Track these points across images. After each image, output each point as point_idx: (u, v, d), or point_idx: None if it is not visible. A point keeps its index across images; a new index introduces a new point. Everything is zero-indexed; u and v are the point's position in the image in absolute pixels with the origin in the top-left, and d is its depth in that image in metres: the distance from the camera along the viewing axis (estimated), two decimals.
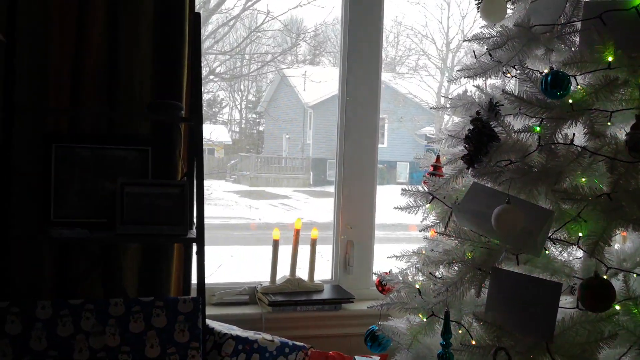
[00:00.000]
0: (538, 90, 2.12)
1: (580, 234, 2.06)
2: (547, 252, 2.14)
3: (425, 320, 2.34)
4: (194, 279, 2.59)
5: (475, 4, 2.44)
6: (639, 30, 2.10)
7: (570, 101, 2.08)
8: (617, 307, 2.03)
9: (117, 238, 2.47)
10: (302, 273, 3.16)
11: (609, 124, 2.08)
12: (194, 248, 2.51)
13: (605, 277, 2.00)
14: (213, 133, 6.24)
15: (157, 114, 2.57)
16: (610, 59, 2.05)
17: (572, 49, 2.20)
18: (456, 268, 2.19)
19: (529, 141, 2.17)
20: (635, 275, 2.09)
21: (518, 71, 2.21)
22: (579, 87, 2.11)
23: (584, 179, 2.09)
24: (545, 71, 2.12)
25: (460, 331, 2.25)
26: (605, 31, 2.09)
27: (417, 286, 2.38)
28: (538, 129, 2.13)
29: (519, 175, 2.09)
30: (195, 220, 2.54)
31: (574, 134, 2.06)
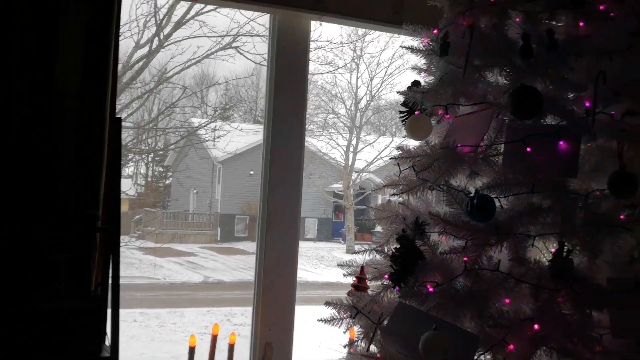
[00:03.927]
0: (464, 212, 2.13)
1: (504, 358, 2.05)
2: None
3: None
4: None
5: (400, 120, 2.45)
6: (562, 154, 2.14)
7: (495, 225, 2.09)
8: None
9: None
10: None
11: (532, 247, 2.10)
12: None
13: None
14: None
15: (78, 226, 2.44)
16: (533, 183, 2.09)
17: (495, 169, 2.23)
18: None
19: (455, 262, 2.17)
20: None
21: (444, 192, 2.22)
22: (502, 209, 2.14)
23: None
24: (472, 193, 2.13)
25: None
26: (528, 155, 2.13)
27: None
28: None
29: (446, 299, 2.07)
30: (109, 334, 2.40)
31: (499, 260, 2.07)
